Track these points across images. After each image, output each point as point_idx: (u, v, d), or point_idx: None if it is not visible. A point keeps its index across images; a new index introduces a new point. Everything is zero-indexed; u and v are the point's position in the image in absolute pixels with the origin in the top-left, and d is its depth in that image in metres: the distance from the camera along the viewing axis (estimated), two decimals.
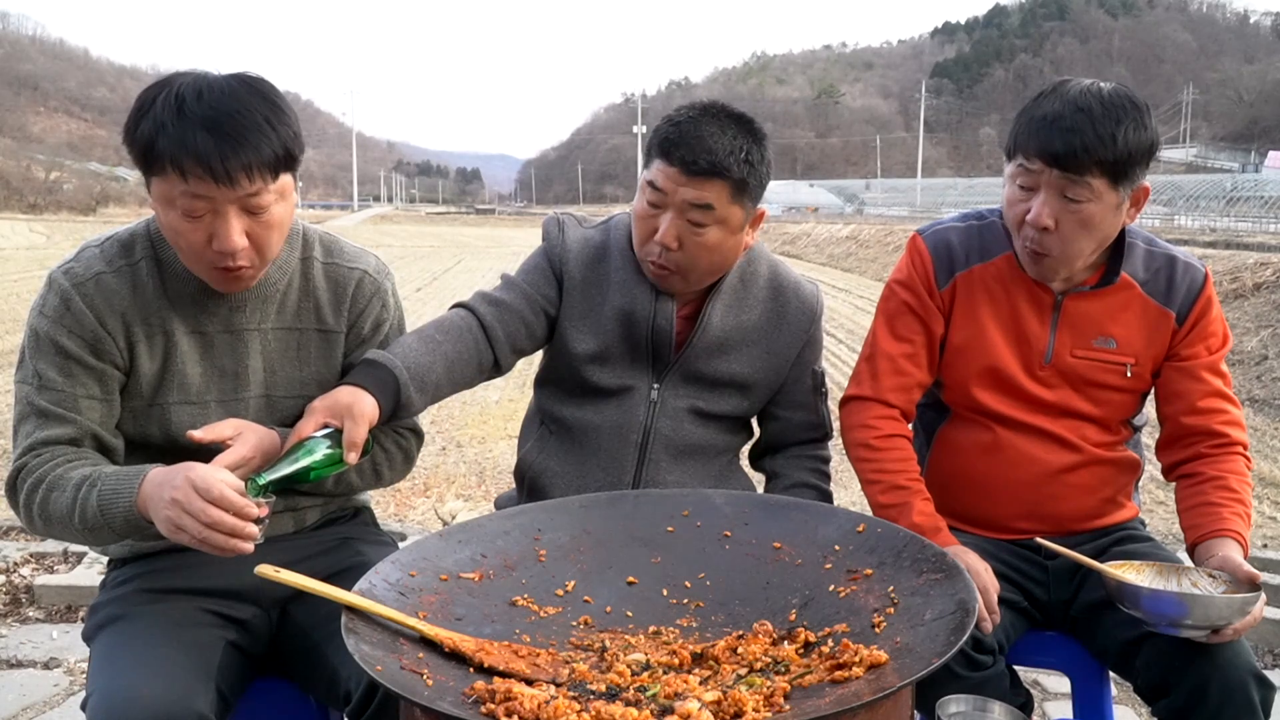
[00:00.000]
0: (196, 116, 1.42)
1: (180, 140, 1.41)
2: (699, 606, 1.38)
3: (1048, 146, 1.68)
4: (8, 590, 3.53)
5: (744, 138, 1.78)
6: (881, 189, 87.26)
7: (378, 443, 1.75)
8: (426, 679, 1.10)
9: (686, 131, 1.75)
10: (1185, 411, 1.86)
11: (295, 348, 1.70)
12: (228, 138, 1.42)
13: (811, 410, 2.03)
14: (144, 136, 1.44)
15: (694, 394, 1.94)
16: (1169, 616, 1.55)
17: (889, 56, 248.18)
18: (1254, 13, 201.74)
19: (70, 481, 1.49)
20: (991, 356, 1.88)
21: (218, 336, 1.64)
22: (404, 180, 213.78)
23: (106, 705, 1.38)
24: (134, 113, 1.46)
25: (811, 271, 26.27)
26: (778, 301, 1.97)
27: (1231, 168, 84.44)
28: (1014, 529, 1.92)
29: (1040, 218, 1.71)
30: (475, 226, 71.68)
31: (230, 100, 1.44)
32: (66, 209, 65.95)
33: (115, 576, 1.70)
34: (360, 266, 1.75)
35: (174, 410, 1.62)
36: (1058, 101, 1.70)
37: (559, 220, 2.00)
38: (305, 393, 1.69)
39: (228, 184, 1.43)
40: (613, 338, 1.91)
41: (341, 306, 1.73)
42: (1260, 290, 12.79)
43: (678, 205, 1.77)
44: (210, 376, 1.64)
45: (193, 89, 1.44)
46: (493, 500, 2.35)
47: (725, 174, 1.75)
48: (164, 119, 1.42)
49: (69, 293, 1.56)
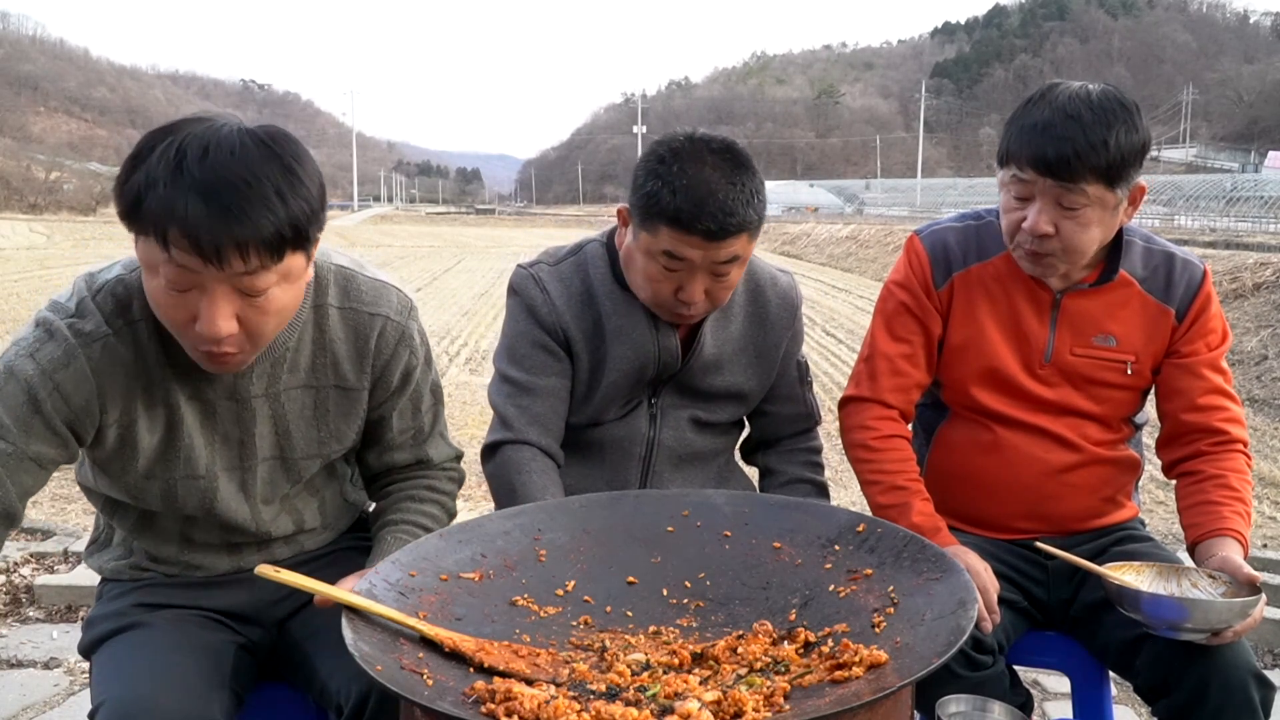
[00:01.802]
0: (193, 179, 1.22)
1: (169, 204, 1.21)
2: (699, 606, 1.38)
3: (1040, 156, 1.67)
4: (8, 590, 3.53)
5: (744, 176, 1.69)
6: (881, 189, 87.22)
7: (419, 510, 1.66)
8: (426, 679, 1.10)
9: (694, 195, 1.65)
10: (1185, 408, 1.86)
11: (312, 406, 1.56)
12: (224, 210, 1.22)
13: (799, 402, 2.05)
14: (132, 190, 1.25)
15: (692, 405, 1.95)
16: (1169, 620, 1.55)
17: (889, 56, 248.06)
18: (1254, 13, 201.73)
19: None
20: (990, 356, 1.88)
21: (220, 404, 1.49)
22: (404, 180, 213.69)
23: (121, 715, 1.34)
24: (129, 160, 1.26)
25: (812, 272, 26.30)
26: (757, 303, 1.96)
27: (1231, 168, 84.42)
28: (1014, 529, 1.92)
29: (1038, 225, 1.71)
30: (475, 226, 71.68)
31: (237, 163, 1.23)
32: (67, 209, 65.92)
33: (111, 590, 1.64)
34: (381, 313, 1.56)
35: (180, 485, 1.51)
36: (1047, 109, 1.69)
37: (534, 277, 1.88)
38: (324, 451, 1.59)
39: (215, 263, 1.23)
40: (621, 385, 1.89)
41: (364, 361, 1.56)
42: (1260, 290, 12.79)
43: (704, 266, 1.71)
44: (214, 446, 1.51)
45: (198, 144, 1.24)
46: (493, 503, 2.35)
47: (748, 226, 1.70)
48: (157, 175, 1.23)
49: (74, 350, 1.38)
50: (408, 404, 1.66)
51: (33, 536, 4.09)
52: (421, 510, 1.66)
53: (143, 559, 1.63)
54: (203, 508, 1.54)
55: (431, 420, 1.71)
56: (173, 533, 1.60)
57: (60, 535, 4.08)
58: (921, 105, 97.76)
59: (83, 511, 4.69)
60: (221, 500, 1.54)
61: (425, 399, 1.69)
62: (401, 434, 1.68)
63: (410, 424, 1.68)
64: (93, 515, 1.61)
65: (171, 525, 1.59)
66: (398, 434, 1.67)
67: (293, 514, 1.65)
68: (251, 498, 1.57)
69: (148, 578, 1.62)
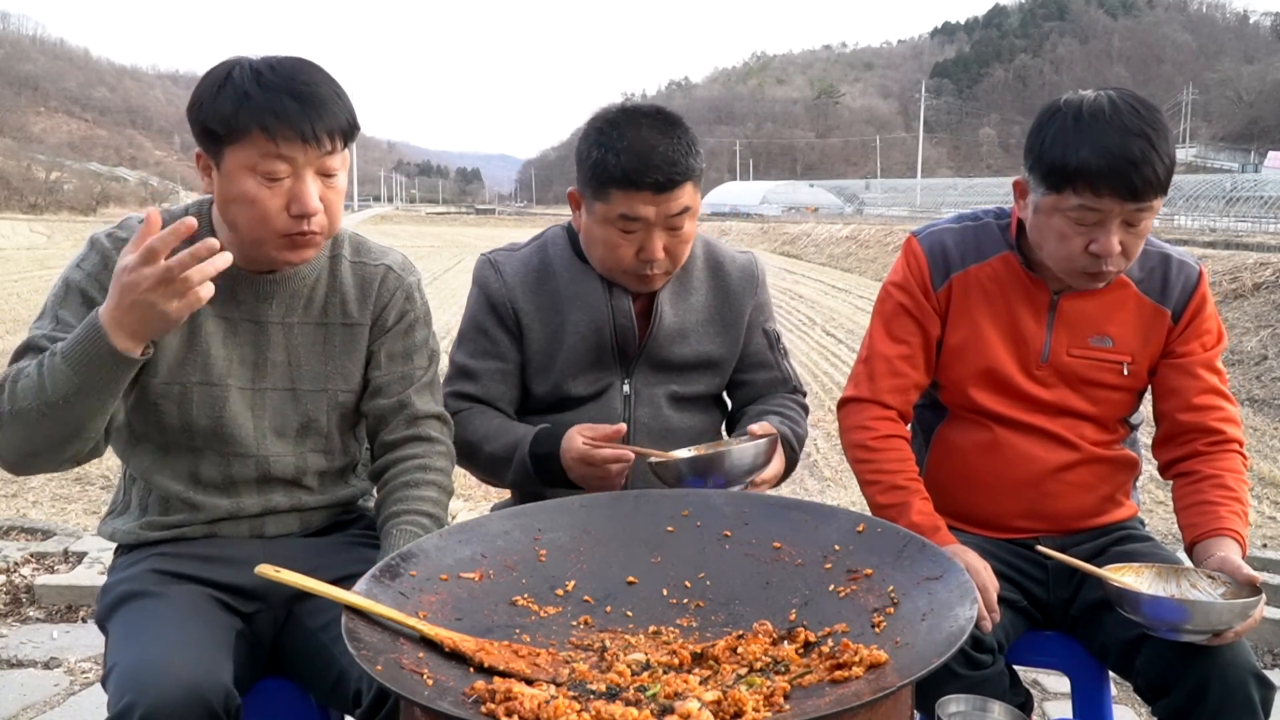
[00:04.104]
0: (278, 86, 1.52)
1: (269, 106, 1.51)
2: (699, 606, 1.38)
3: (1126, 184, 1.63)
4: (8, 590, 3.53)
5: (679, 130, 1.83)
6: (881, 189, 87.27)
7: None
8: (426, 679, 1.10)
9: (638, 152, 1.78)
10: (1181, 408, 1.86)
11: (321, 341, 1.74)
12: (310, 102, 1.53)
13: (774, 367, 2.09)
14: (224, 107, 1.52)
15: (667, 380, 1.99)
16: (1170, 622, 1.55)
17: (889, 56, 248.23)
18: (1254, 13, 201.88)
19: (35, 368, 1.46)
20: (988, 357, 1.88)
21: (242, 324, 1.68)
22: (404, 180, 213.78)
23: (134, 676, 1.38)
24: (206, 89, 1.54)
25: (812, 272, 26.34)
26: (718, 276, 2.04)
27: (1231, 168, 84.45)
28: (1013, 528, 1.93)
29: (1112, 248, 1.69)
30: (475, 226, 71.74)
31: (303, 73, 1.56)
32: (67, 209, 65.95)
33: (125, 560, 1.71)
34: (385, 262, 1.80)
35: (195, 390, 1.65)
36: (1108, 130, 1.64)
37: (491, 261, 2.02)
38: (330, 385, 1.74)
39: (315, 144, 1.54)
40: (579, 350, 1.95)
41: (367, 301, 1.76)
42: (1260, 290, 12.80)
43: (659, 222, 1.82)
44: (231, 362, 1.67)
45: (264, 64, 1.55)
46: (491, 503, 2.35)
47: (692, 174, 1.82)
48: (245, 89, 1.51)
49: (110, 253, 1.60)
50: (399, 346, 1.79)
51: (33, 536, 4.09)
52: (421, 496, 1.71)
53: (155, 511, 1.71)
54: (212, 416, 1.66)
55: (420, 375, 1.81)
56: (182, 470, 1.70)
57: (60, 535, 4.08)
58: (921, 105, 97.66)
59: (84, 511, 4.70)
60: (230, 412, 1.67)
61: (418, 353, 1.81)
62: (389, 375, 1.78)
63: (400, 368, 1.79)
64: (95, 515, 1.62)
65: (182, 461, 1.69)
66: (385, 374, 1.77)
67: (296, 458, 1.73)
68: (259, 419, 1.70)
69: (159, 537, 1.70)
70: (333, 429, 1.76)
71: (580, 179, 1.88)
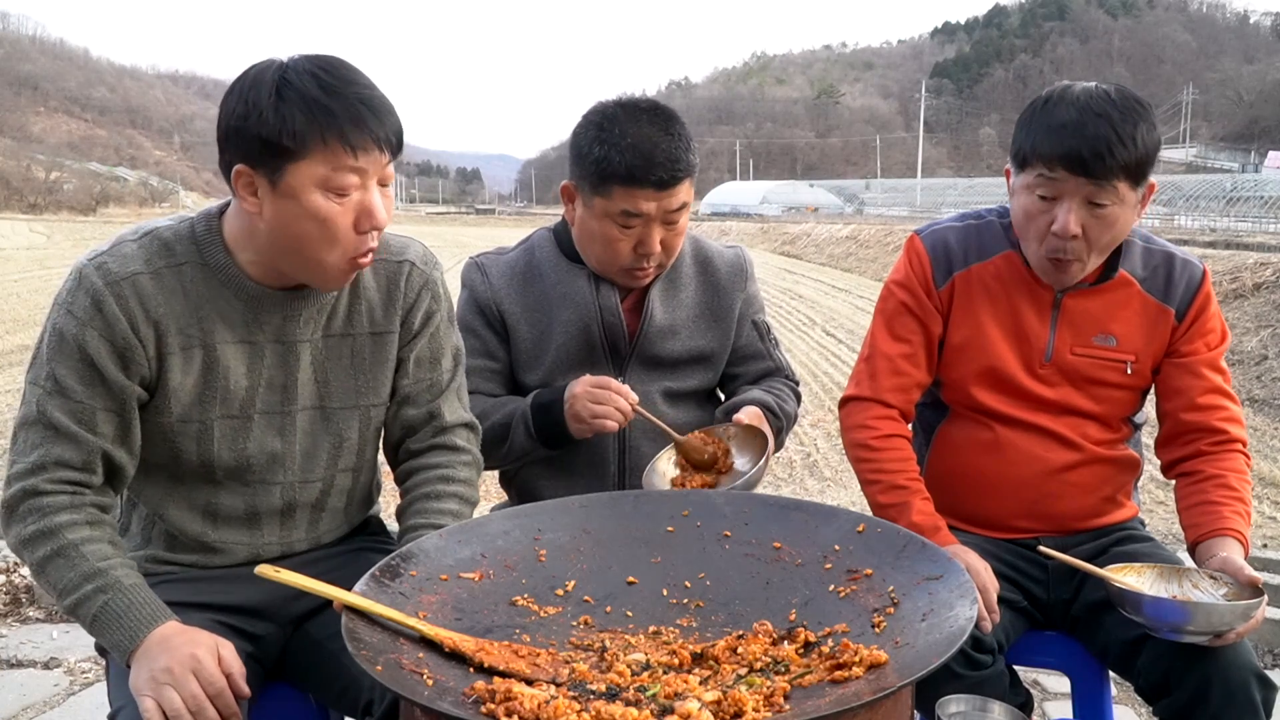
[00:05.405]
0: (346, 92, 1.40)
1: (348, 114, 1.39)
2: (699, 606, 1.38)
3: (1073, 154, 1.66)
4: (8, 590, 3.53)
5: (678, 126, 1.85)
6: (881, 189, 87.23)
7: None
8: (426, 679, 1.10)
9: (641, 151, 1.79)
10: (1185, 408, 1.86)
11: (349, 355, 1.63)
12: (378, 108, 1.43)
13: (766, 357, 2.11)
14: (293, 117, 1.37)
15: (660, 376, 2.01)
16: (1171, 623, 1.55)
17: (889, 56, 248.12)
18: (1254, 13, 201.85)
19: (81, 562, 1.41)
20: (991, 355, 1.88)
21: (268, 347, 1.55)
22: (404, 180, 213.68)
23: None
24: (260, 97, 1.38)
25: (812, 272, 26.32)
26: (707, 271, 2.06)
27: (1231, 168, 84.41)
28: (1014, 528, 1.92)
29: (1069, 227, 1.70)
30: (475, 226, 71.70)
31: (358, 74, 1.44)
32: (67, 209, 65.97)
33: None
34: (407, 258, 1.67)
35: (216, 425, 1.53)
36: (1070, 108, 1.68)
37: (478, 264, 2.04)
38: (361, 401, 1.64)
39: (388, 152, 1.44)
40: (569, 348, 1.97)
41: (393, 305, 1.65)
42: (1260, 290, 12.80)
43: (659, 217, 1.84)
44: (256, 389, 1.55)
45: (314, 67, 1.41)
46: (491, 502, 2.35)
47: (691, 171, 1.85)
48: (313, 95, 1.38)
49: (101, 293, 1.44)
50: (426, 350, 1.70)
51: None
52: (441, 509, 1.64)
53: (160, 547, 1.61)
54: (235, 449, 1.55)
55: (448, 380, 1.73)
56: (198, 502, 1.59)
57: None
58: (921, 105, 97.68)
59: None
60: (255, 442, 1.57)
61: (445, 355, 1.72)
62: (417, 384, 1.69)
63: (427, 375, 1.70)
64: None
65: (199, 492, 1.59)
66: (413, 382, 1.69)
67: (324, 482, 1.65)
68: (289, 444, 1.59)
69: (162, 572, 1.60)
70: (366, 445, 1.69)
71: (578, 173, 1.88)
